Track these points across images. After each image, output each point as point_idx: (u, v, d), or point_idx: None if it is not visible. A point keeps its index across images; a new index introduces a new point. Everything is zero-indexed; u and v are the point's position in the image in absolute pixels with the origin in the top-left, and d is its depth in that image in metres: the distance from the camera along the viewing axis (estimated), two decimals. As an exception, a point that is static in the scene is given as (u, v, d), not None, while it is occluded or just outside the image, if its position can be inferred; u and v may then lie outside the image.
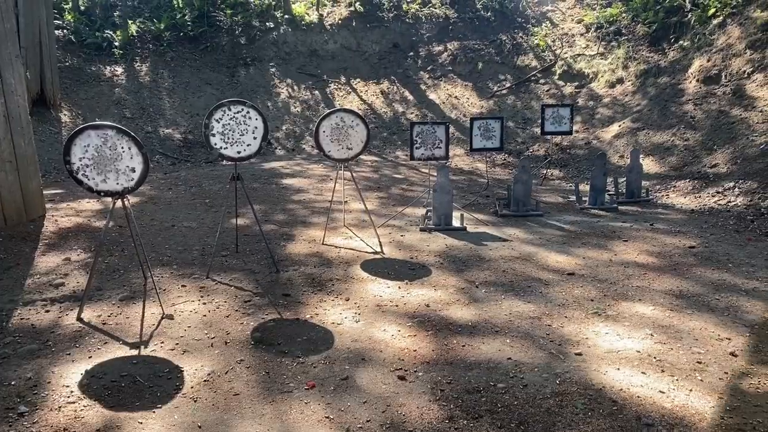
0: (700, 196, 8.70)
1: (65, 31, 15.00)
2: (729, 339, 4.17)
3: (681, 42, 13.29)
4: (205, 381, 3.64)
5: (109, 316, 4.60)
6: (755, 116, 9.91)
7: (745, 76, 10.95)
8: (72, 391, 3.51)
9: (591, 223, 7.58)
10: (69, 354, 3.98)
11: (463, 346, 4.11)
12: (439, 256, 6.21)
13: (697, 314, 4.62)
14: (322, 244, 6.57)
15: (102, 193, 4.55)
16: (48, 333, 4.30)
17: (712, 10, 12.79)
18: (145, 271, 5.33)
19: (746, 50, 11.29)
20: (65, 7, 15.67)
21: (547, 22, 16.78)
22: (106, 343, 4.16)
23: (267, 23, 16.81)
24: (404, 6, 17.43)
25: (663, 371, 3.71)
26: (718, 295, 5.03)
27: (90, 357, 3.94)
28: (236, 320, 4.56)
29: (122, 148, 4.48)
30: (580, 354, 3.96)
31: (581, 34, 15.89)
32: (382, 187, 9.69)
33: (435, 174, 7.35)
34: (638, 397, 3.41)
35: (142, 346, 4.10)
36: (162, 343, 4.16)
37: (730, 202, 8.17)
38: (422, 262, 6.00)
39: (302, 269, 5.74)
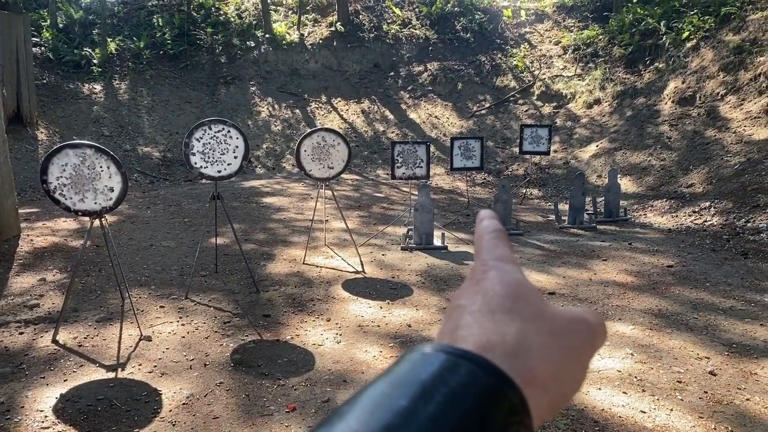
0: (677, 216, 8.82)
1: (43, 48, 14.89)
2: (708, 358, 4.20)
3: (656, 64, 13.56)
4: (183, 404, 3.58)
5: (85, 338, 4.51)
6: (729, 137, 10.11)
7: (719, 97, 11.19)
8: (46, 416, 3.42)
9: (570, 243, 7.64)
10: (43, 377, 3.89)
11: (445, 366, 4.08)
12: (420, 275, 6.20)
13: (677, 333, 4.65)
14: (303, 263, 6.53)
15: (79, 213, 4.49)
16: (22, 356, 4.20)
17: (686, 33, 13.09)
18: (123, 292, 5.25)
19: (719, 72, 11.55)
20: (43, 24, 15.57)
21: (526, 43, 17.03)
22: (82, 365, 4.07)
23: (248, 42, 16.84)
24: (385, 27, 17.58)
25: (644, 391, 3.72)
26: (696, 314, 5.08)
27: (65, 380, 3.85)
28: (215, 342, 4.50)
29: (101, 167, 4.43)
30: (561, 374, 3.96)
31: (559, 56, 16.14)
32: (363, 206, 9.69)
33: (416, 193, 7.37)
34: (620, 417, 3.42)
35: (119, 369, 4.03)
36: (140, 365, 4.08)
37: (706, 221, 8.29)
38: (404, 282, 5.99)
39: (283, 289, 5.69)
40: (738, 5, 12.57)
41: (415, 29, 17.67)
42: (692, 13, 13.51)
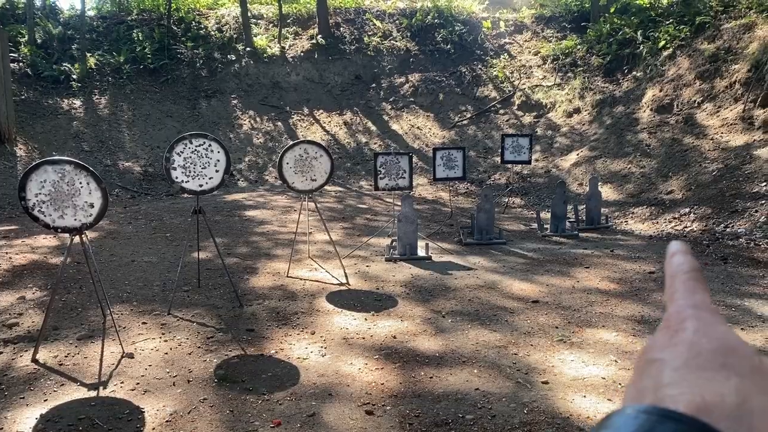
0: (657, 222, 8.91)
1: (21, 64, 14.76)
2: (690, 363, 4.23)
3: (634, 73, 13.75)
4: (167, 422, 3.53)
5: (66, 357, 4.44)
6: (706, 144, 10.26)
7: (696, 105, 11.36)
8: (26, 437, 3.36)
9: (553, 251, 7.69)
10: (23, 398, 3.82)
11: (431, 377, 4.08)
12: (404, 286, 6.20)
13: (659, 339, 4.68)
14: (287, 276, 6.51)
15: (59, 230, 4.44)
16: (0, 376, 4.13)
17: (663, 42, 13.29)
18: (104, 309, 5.19)
19: (695, 81, 11.74)
20: (21, 40, 15.44)
21: (505, 54, 17.19)
22: (62, 384, 4.01)
23: (228, 56, 16.82)
24: (366, 39, 17.66)
25: (628, 397, 3.73)
26: (678, 319, 5.11)
27: (45, 400, 3.79)
28: (199, 357, 4.45)
29: (80, 183, 4.39)
30: (546, 382, 3.98)
31: (538, 66, 16.31)
32: (346, 218, 9.68)
33: (399, 204, 7.38)
34: (605, 424, 3.43)
35: (101, 387, 3.97)
36: (122, 383, 4.03)
37: (686, 227, 8.39)
38: (388, 293, 5.98)
39: (266, 303, 5.66)
40: (712, 14, 12.81)
41: (396, 41, 17.77)
42: (668, 22, 13.74)
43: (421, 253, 7.32)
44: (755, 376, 0.36)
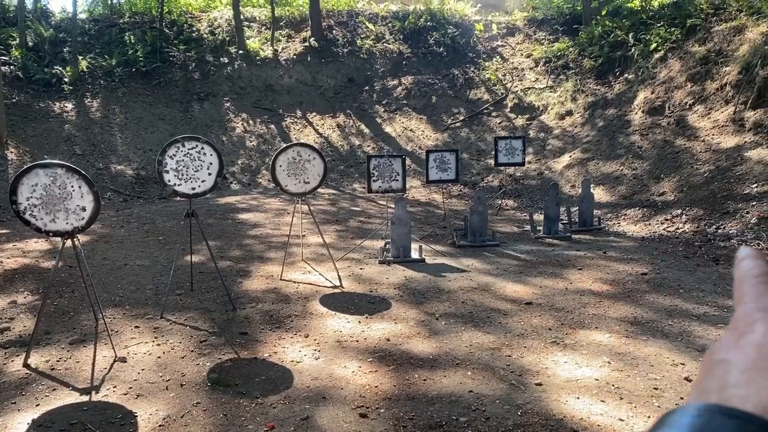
0: (649, 224, 8.95)
1: (12, 67, 14.68)
2: (683, 364, 4.26)
3: (626, 75, 13.82)
4: (160, 426, 3.52)
5: (58, 361, 4.42)
6: (698, 146, 10.31)
7: (687, 107, 11.43)
8: (17, 443, 3.34)
9: (546, 252, 7.71)
10: (14, 403, 3.80)
11: (425, 380, 4.08)
12: (398, 288, 6.20)
13: (652, 340, 4.71)
14: (280, 279, 6.49)
15: (51, 234, 4.42)
16: (-8, 381, 4.10)
17: (654, 45, 13.37)
18: (96, 313, 5.16)
19: (687, 83, 11.80)
20: (12, 43, 15.37)
21: (498, 57, 17.24)
22: (54, 389, 3.98)
23: (221, 58, 16.80)
24: (358, 42, 17.67)
25: (621, 398, 3.75)
26: (671, 320, 5.14)
27: (37, 405, 3.77)
28: (192, 361, 4.44)
29: (72, 186, 4.37)
30: (540, 384, 3.98)
31: (531, 68, 16.36)
32: (340, 220, 9.68)
33: (393, 206, 7.38)
34: (599, 425, 3.44)
35: (93, 392, 3.95)
36: (114, 387, 4.01)
37: (678, 228, 8.43)
38: (382, 295, 5.98)
39: (260, 306, 5.65)
40: (703, 17, 12.89)
41: (389, 44, 17.79)
42: (659, 25, 13.82)
43: (414, 255, 7.32)
44: None
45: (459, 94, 16.30)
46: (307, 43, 17.43)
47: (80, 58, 15.65)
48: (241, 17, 17.51)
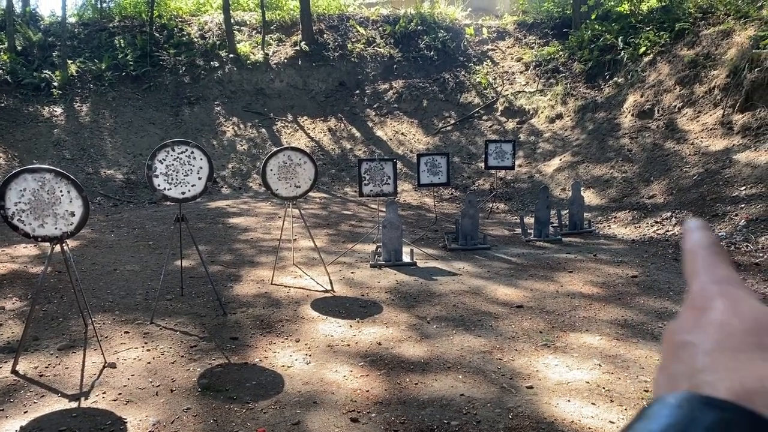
0: (639, 226, 8.99)
1: (1, 71, 14.59)
2: (673, 366, 4.27)
3: (615, 79, 13.89)
4: (149, 432, 3.50)
5: (46, 367, 4.38)
6: (687, 148, 10.38)
7: (676, 110, 11.50)
8: (5, 450, 3.31)
9: (537, 255, 7.73)
10: (2, 410, 3.76)
11: (416, 384, 4.08)
12: (390, 292, 6.19)
13: (642, 343, 4.73)
14: (271, 284, 6.48)
15: (39, 239, 4.38)
16: (-21, 388, 4.06)
17: (643, 49, 13.45)
18: (86, 318, 5.13)
19: (676, 86, 11.88)
20: (0, 47, 15.27)
21: (488, 60, 17.29)
22: (43, 396, 3.95)
23: (211, 62, 16.76)
24: (349, 45, 17.69)
25: (612, 401, 3.76)
26: (661, 323, 5.16)
27: (25, 412, 3.73)
28: (182, 367, 4.41)
29: (61, 191, 4.34)
30: (531, 387, 3.99)
31: (521, 72, 16.43)
32: (331, 224, 9.66)
33: (384, 210, 7.38)
34: (589, 428, 3.45)
35: (83, 398, 3.92)
36: (104, 393, 3.98)
37: (668, 231, 8.47)
38: (373, 299, 5.97)
39: (250, 311, 5.63)
40: (691, 21, 12.99)
41: (380, 48, 17.81)
42: (648, 29, 13.90)
43: (406, 259, 7.32)
44: None
45: (450, 97, 16.34)
46: (297, 47, 17.42)
47: (69, 62, 15.58)
48: (232, 21, 17.48)
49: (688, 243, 0.44)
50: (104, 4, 19.52)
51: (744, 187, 8.61)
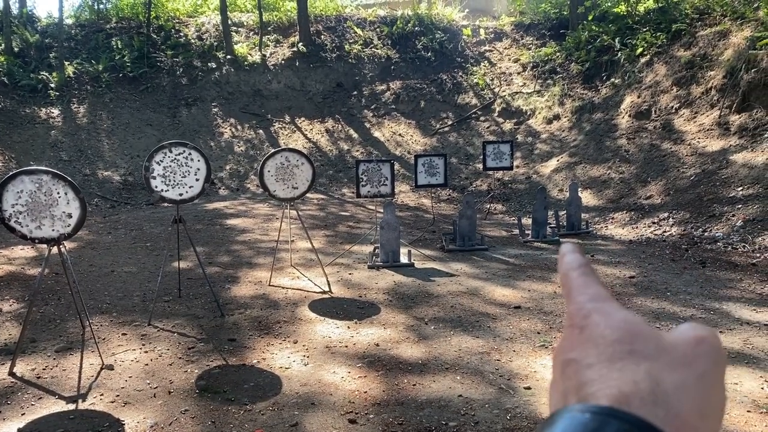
0: (637, 227, 9.01)
1: (-3, 72, 14.57)
2: (670, 366, 4.27)
3: (612, 80, 13.92)
4: (147, 434, 3.49)
5: (44, 369, 4.38)
6: (684, 149, 10.40)
7: (673, 111, 11.52)
8: (2, 453, 3.31)
9: (534, 256, 7.73)
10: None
11: (414, 385, 4.08)
12: (387, 293, 6.19)
13: (640, 343, 4.72)
14: (269, 285, 6.47)
15: (36, 241, 4.38)
16: (-24, 390, 4.05)
17: (640, 50, 13.48)
18: (83, 320, 5.12)
19: (672, 87, 11.91)
20: (-3, 48, 15.26)
21: (486, 61, 17.31)
22: (40, 398, 3.94)
23: (209, 64, 16.76)
24: (347, 47, 17.69)
25: (610, 402, 3.76)
26: (658, 323, 5.17)
27: (23, 414, 3.73)
28: (180, 368, 4.41)
29: (58, 193, 4.34)
30: (529, 388, 3.99)
31: (518, 73, 16.45)
32: (329, 225, 9.66)
33: (381, 211, 7.39)
34: (587, 429, 3.44)
35: (80, 400, 3.91)
36: (101, 395, 3.97)
37: (665, 232, 8.49)
38: (371, 300, 5.97)
39: (248, 312, 5.62)
40: (688, 22, 13.01)
41: (377, 49, 17.82)
42: (645, 29, 13.93)
43: (403, 260, 7.32)
44: (661, 355, 0.38)
45: (447, 98, 16.35)
46: (295, 48, 17.42)
47: (67, 63, 15.56)
48: (229, 22, 17.48)
49: (561, 266, 0.46)
50: (101, 6, 19.50)
51: (741, 188, 8.63)
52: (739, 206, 8.24)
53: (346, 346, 4.81)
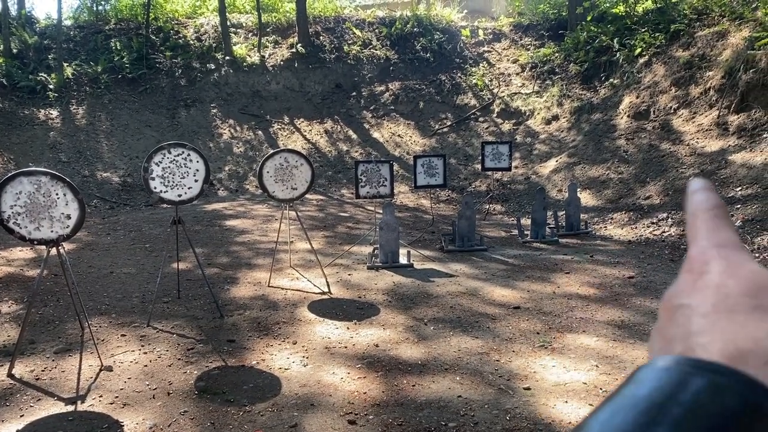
0: (636, 227, 9.01)
1: (-4, 74, 14.56)
2: (670, 367, 4.27)
3: (611, 80, 13.92)
4: (146, 435, 3.49)
5: (42, 371, 4.37)
6: (683, 149, 10.41)
7: (672, 111, 11.53)
8: (1, 454, 3.30)
9: (533, 257, 7.73)
10: (-2, 414, 3.75)
11: (413, 385, 4.08)
12: (386, 294, 6.19)
13: (639, 344, 4.73)
14: (268, 286, 6.47)
15: (35, 242, 4.37)
16: (-25, 392, 4.05)
17: (639, 50, 13.48)
18: (82, 321, 5.12)
19: (671, 87, 11.92)
20: (-4, 50, 15.25)
21: (484, 62, 17.32)
22: (39, 400, 3.94)
23: (208, 65, 16.75)
24: (345, 48, 17.69)
25: (609, 402, 3.76)
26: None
27: (22, 416, 3.72)
28: (179, 369, 4.40)
29: (57, 194, 4.33)
30: (528, 388, 3.99)
31: (517, 74, 16.45)
32: (328, 226, 9.66)
33: (381, 211, 7.38)
34: (587, 429, 3.44)
35: (79, 401, 3.91)
36: (100, 396, 3.97)
37: (664, 232, 8.49)
38: (370, 301, 5.97)
39: (247, 313, 5.62)
40: (686, 22, 13.02)
41: (376, 50, 17.82)
42: (643, 30, 13.94)
43: (402, 260, 7.32)
44: None
45: (446, 99, 16.36)
46: (294, 49, 17.42)
47: (65, 64, 15.55)
48: (228, 23, 17.48)
49: (690, 205, 0.42)
50: (100, 7, 19.49)
51: (740, 188, 8.63)
52: (738, 206, 8.24)
53: (346, 347, 4.80)
